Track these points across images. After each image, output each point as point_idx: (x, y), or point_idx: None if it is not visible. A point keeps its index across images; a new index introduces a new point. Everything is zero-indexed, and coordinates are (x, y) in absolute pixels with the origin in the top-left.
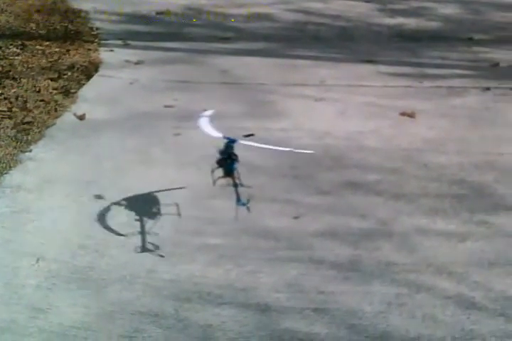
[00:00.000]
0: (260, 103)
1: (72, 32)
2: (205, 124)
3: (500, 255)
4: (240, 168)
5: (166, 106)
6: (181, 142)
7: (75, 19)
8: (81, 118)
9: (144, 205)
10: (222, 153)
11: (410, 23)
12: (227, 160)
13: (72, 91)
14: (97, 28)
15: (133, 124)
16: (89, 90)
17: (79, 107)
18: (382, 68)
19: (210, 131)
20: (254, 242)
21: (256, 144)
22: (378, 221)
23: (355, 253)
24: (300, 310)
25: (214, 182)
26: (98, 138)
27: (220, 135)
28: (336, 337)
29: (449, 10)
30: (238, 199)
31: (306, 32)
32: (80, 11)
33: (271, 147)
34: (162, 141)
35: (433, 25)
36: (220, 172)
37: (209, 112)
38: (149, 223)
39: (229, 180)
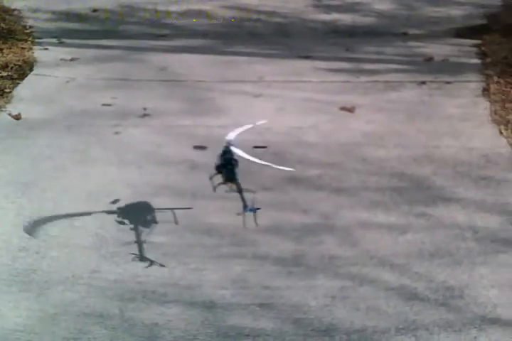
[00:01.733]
0: (199, 100)
1: (4, 31)
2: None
3: (440, 246)
4: (181, 165)
5: (103, 105)
6: (121, 140)
7: (8, 17)
8: (16, 118)
9: (139, 213)
10: (221, 158)
11: (345, 18)
12: (227, 165)
13: (7, 90)
14: (31, 27)
15: (71, 123)
16: (24, 89)
17: (14, 107)
18: (320, 64)
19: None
20: (198, 240)
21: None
22: (320, 215)
23: (298, 248)
24: (245, 306)
25: (214, 188)
26: (35, 138)
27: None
28: (281, 331)
29: (383, 5)
30: (245, 206)
31: (243, 28)
32: (13, 9)
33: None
34: (101, 139)
35: (368, 20)
36: (219, 178)
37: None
38: (145, 231)
39: (231, 185)
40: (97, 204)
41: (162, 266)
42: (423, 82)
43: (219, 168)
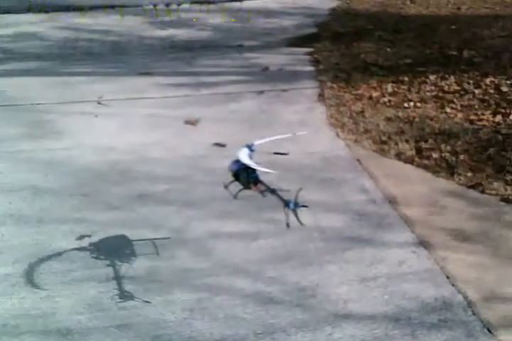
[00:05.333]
0: (38, 123)
1: None
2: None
3: (291, 249)
4: (24, 192)
5: None
6: None
7: None
8: None
9: (115, 247)
10: (236, 164)
11: (182, 33)
12: (247, 170)
13: None
14: None
15: None
16: None
17: None
18: (160, 79)
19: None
20: (47, 266)
21: (269, 139)
22: (171, 230)
23: (152, 264)
24: (103, 329)
25: (235, 196)
26: None
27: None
28: None
29: (217, 19)
30: (287, 203)
31: (78, 48)
32: None
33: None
34: None
35: (204, 34)
36: (237, 185)
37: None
38: (124, 266)
39: (257, 188)
40: None
41: (147, 302)
42: (261, 92)
43: (237, 174)
